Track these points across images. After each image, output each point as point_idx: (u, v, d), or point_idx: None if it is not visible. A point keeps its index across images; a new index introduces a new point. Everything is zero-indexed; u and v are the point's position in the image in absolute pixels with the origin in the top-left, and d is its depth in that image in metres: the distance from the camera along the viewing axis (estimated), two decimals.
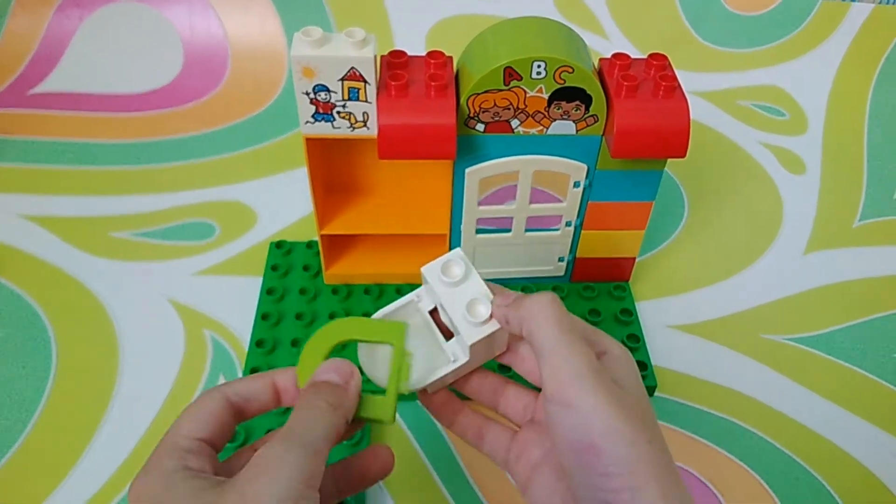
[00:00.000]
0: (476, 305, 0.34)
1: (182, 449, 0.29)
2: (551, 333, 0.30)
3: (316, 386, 0.31)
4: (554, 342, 0.30)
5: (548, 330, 0.30)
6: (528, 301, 0.31)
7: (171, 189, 0.65)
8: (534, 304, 0.31)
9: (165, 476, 0.28)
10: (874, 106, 0.78)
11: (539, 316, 0.31)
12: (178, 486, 0.27)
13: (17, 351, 0.52)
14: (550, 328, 0.30)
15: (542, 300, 0.31)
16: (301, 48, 0.41)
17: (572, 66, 0.43)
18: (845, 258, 0.62)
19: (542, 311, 0.31)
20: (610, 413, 0.28)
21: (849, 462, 0.48)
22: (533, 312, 0.31)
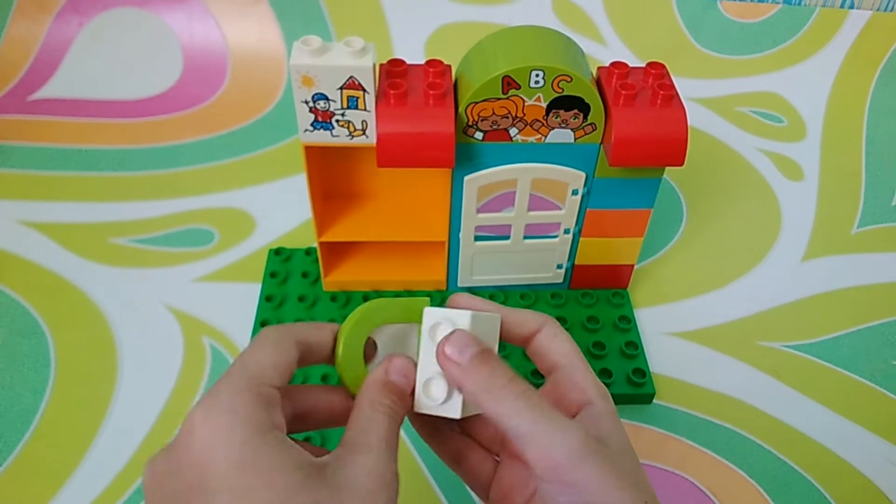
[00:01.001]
0: (434, 384, 0.30)
1: (267, 399, 0.26)
2: (528, 416, 0.27)
3: (387, 389, 0.29)
4: (534, 422, 0.27)
5: (523, 414, 0.27)
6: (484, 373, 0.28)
7: (169, 195, 0.65)
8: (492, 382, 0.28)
9: (256, 431, 0.25)
10: (872, 112, 0.78)
11: (506, 399, 0.27)
12: (275, 455, 0.25)
13: (15, 358, 0.52)
14: (524, 411, 0.27)
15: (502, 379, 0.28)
16: (300, 57, 0.41)
17: (570, 74, 0.43)
18: (844, 265, 0.62)
19: (506, 395, 0.27)
20: (611, 484, 0.26)
21: (847, 470, 0.48)
22: (493, 392, 0.28)
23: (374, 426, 0.28)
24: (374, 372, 0.30)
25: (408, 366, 0.31)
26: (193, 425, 0.25)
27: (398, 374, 0.30)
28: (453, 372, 0.29)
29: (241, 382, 0.26)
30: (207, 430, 0.25)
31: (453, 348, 0.29)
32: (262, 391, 0.26)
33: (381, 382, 0.30)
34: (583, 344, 0.52)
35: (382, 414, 0.28)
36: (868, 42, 0.79)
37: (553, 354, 0.32)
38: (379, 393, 0.29)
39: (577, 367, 0.31)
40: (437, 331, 0.30)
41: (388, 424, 0.28)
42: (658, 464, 0.47)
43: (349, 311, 0.53)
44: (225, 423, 0.25)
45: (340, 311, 0.54)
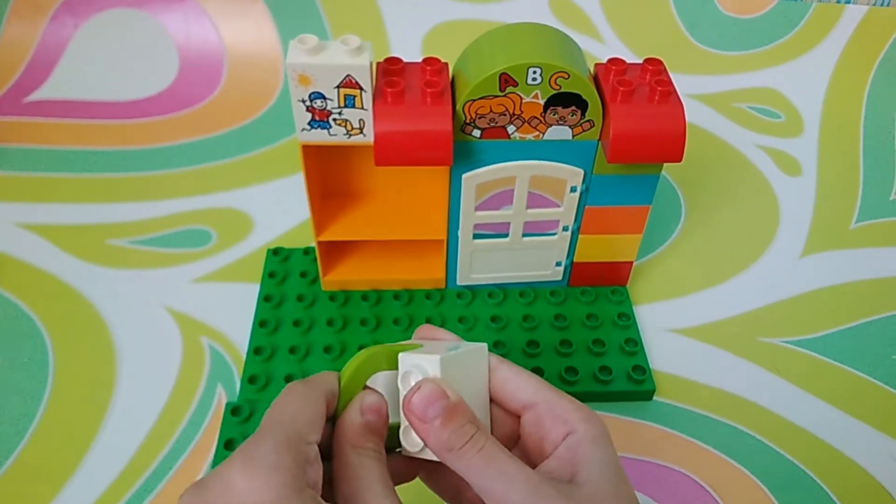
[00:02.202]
0: (410, 433, 0.30)
1: (307, 458, 0.26)
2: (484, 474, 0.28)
3: (366, 430, 0.29)
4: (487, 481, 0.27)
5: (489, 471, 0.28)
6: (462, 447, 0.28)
7: (167, 196, 0.65)
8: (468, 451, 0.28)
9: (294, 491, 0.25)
10: (870, 107, 0.78)
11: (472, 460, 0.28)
12: None
13: (13, 360, 0.52)
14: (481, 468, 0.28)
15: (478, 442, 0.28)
16: (297, 56, 0.41)
17: (568, 71, 0.43)
18: (842, 260, 0.62)
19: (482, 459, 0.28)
20: None
21: (848, 465, 0.48)
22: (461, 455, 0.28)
23: (367, 474, 0.28)
24: (348, 413, 0.29)
25: (379, 401, 0.30)
26: (233, 478, 0.25)
27: (372, 414, 0.30)
28: (417, 428, 0.29)
29: (282, 439, 0.26)
30: (247, 485, 0.24)
31: (417, 404, 0.29)
32: (302, 449, 0.26)
33: (360, 425, 0.29)
34: (582, 341, 0.52)
35: (370, 459, 0.28)
36: (865, 37, 0.79)
37: (522, 393, 0.32)
38: (360, 437, 0.29)
39: (551, 400, 0.31)
40: (409, 379, 0.30)
41: (379, 468, 0.28)
42: (658, 460, 0.47)
43: (348, 311, 0.54)
44: (264, 479, 0.24)
45: (339, 311, 0.54)
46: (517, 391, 0.32)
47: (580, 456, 0.29)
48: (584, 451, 0.29)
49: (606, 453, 0.30)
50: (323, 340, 0.52)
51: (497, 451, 0.28)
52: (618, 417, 0.50)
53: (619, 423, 0.49)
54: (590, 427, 0.30)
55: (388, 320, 0.53)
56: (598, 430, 0.30)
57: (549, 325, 0.54)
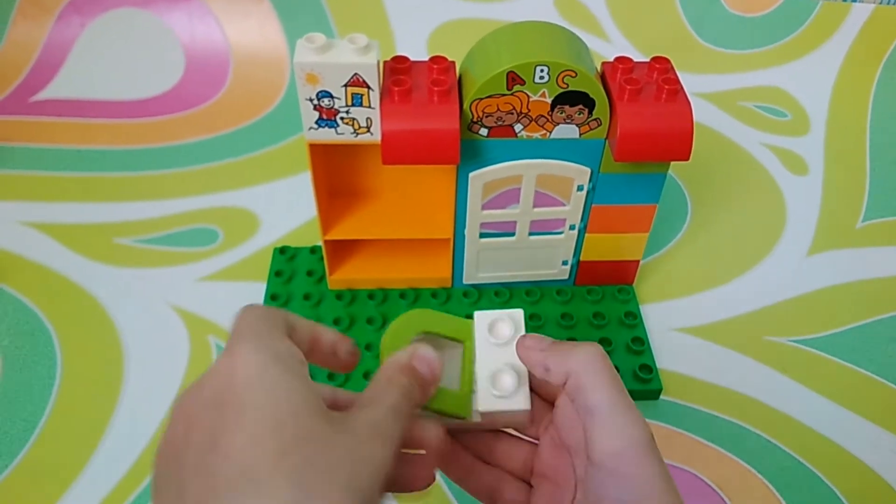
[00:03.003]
0: (503, 376, 0.32)
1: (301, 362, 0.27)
2: (609, 395, 0.28)
3: (408, 371, 0.30)
4: (613, 406, 0.28)
5: (604, 391, 0.28)
6: (576, 351, 0.29)
7: (173, 195, 0.65)
8: (585, 357, 0.29)
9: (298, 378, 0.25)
10: (876, 106, 0.78)
11: (591, 371, 0.29)
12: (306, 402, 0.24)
13: (21, 359, 0.52)
14: (607, 389, 0.28)
15: (594, 353, 0.29)
16: (304, 55, 0.41)
17: (575, 70, 0.43)
18: (849, 259, 0.62)
19: (595, 367, 0.29)
20: (665, 481, 0.27)
21: (854, 464, 0.48)
22: (584, 366, 0.29)
23: (386, 396, 0.28)
24: (397, 354, 0.30)
25: (433, 358, 0.30)
26: (237, 360, 0.25)
27: (421, 362, 0.30)
28: (536, 356, 0.31)
29: (279, 330, 0.27)
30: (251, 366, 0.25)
31: (533, 340, 0.31)
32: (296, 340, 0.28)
33: (403, 364, 0.30)
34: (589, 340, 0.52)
35: (397, 389, 0.28)
36: (871, 35, 0.79)
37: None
38: (398, 372, 0.29)
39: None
40: (497, 327, 0.33)
41: (400, 399, 0.28)
42: (666, 460, 0.47)
43: (354, 309, 0.54)
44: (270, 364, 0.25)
45: (346, 310, 0.54)
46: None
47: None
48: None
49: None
50: None
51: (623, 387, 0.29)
52: None
53: None
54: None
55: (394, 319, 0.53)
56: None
57: (555, 323, 0.54)
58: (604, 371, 0.29)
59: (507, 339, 0.33)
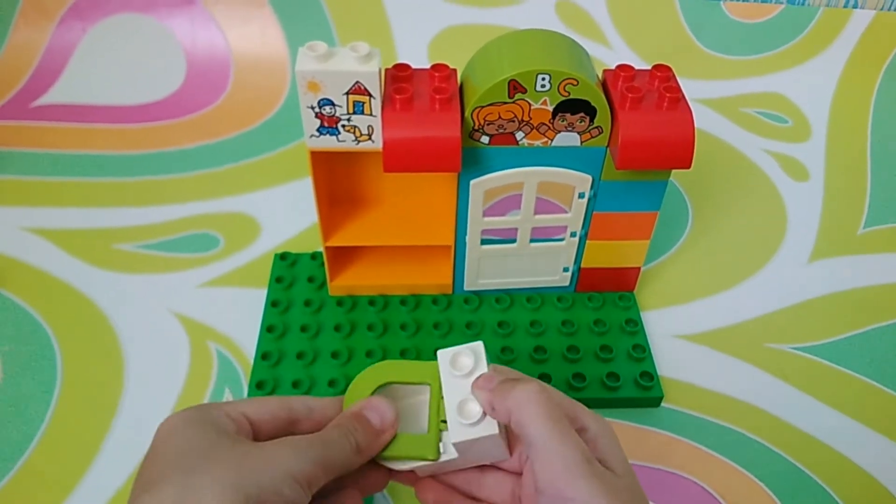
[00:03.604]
0: (469, 404, 0.33)
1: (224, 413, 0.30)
2: (542, 426, 0.30)
3: (357, 418, 0.32)
4: (546, 435, 0.30)
5: (538, 422, 0.30)
6: (515, 391, 0.31)
7: (174, 201, 0.65)
8: (521, 394, 0.31)
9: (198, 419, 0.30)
10: (877, 112, 0.78)
11: (527, 407, 0.30)
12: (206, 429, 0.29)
13: (21, 364, 0.52)
14: (541, 421, 0.30)
15: (530, 390, 0.31)
16: (306, 63, 0.41)
17: (577, 78, 0.43)
18: (850, 266, 0.62)
19: (531, 402, 0.30)
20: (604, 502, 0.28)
21: (856, 472, 0.48)
22: (520, 403, 0.31)
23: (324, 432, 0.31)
24: (352, 404, 0.33)
25: (385, 409, 0.33)
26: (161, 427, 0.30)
27: (372, 412, 0.33)
28: (485, 397, 0.32)
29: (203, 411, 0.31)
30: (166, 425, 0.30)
31: (484, 380, 0.33)
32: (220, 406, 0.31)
33: (353, 412, 0.33)
34: (590, 347, 0.52)
35: (338, 429, 0.31)
36: (872, 42, 0.79)
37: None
38: (346, 418, 0.32)
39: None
40: (459, 360, 0.34)
41: (336, 435, 0.31)
42: (667, 467, 0.47)
43: (355, 316, 0.54)
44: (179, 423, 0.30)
45: (347, 316, 0.54)
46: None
47: (606, 453, 0.31)
48: (605, 446, 0.31)
49: (623, 454, 0.32)
50: (330, 346, 0.52)
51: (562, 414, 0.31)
52: (625, 424, 0.50)
53: (627, 430, 0.49)
54: (603, 424, 0.32)
55: (395, 325, 0.53)
56: (612, 430, 0.32)
57: (556, 330, 0.54)
58: (539, 404, 0.30)
59: (469, 370, 0.34)
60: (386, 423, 0.33)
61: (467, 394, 0.33)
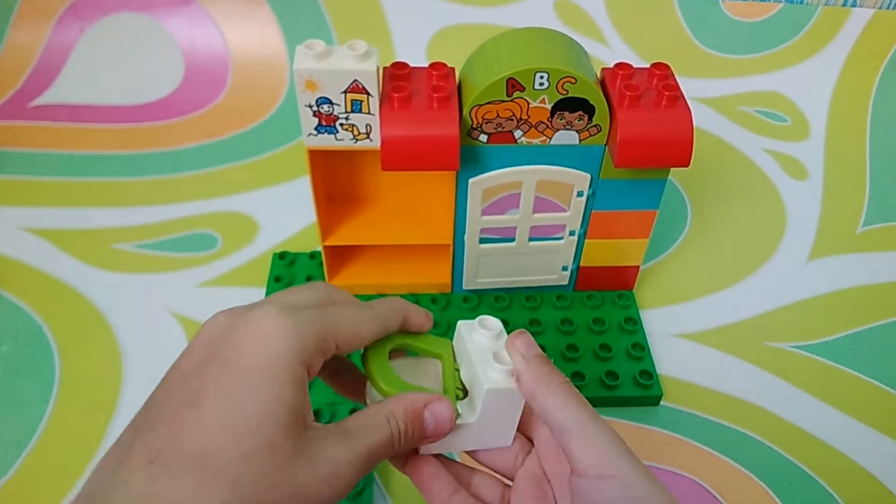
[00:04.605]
0: (503, 354, 0.33)
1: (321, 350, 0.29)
2: (577, 409, 0.30)
3: (414, 417, 0.31)
4: (583, 418, 0.30)
5: (572, 406, 0.30)
6: (550, 376, 0.31)
7: (172, 200, 0.65)
8: (554, 380, 0.31)
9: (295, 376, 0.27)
10: (876, 110, 0.78)
11: (559, 394, 0.31)
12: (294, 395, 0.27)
13: (20, 365, 0.52)
14: (575, 405, 0.30)
15: (563, 379, 0.31)
16: (304, 61, 0.41)
17: (575, 76, 0.42)
18: (849, 264, 0.62)
19: (563, 391, 0.31)
20: (647, 477, 0.29)
21: (856, 471, 0.48)
22: (552, 389, 0.31)
23: (373, 433, 0.29)
24: (413, 395, 0.31)
25: (447, 418, 0.31)
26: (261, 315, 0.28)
27: (433, 415, 0.31)
28: (519, 361, 0.32)
29: (321, 322, 0.29)
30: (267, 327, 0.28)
31: (523, 343, 0.32)
32: (328, 342, 0.29)
33: (413, 408, 0.31)
34: (589, 346, 0.52)
35: (389, 430, 0.30)
36: (871, 40, 0.79)
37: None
38: (402, 413, 0.30)
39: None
40: (485, 321, 0.34)
41: (384, 443, 0.29)
42: (666, 466, 0.47)
43: None
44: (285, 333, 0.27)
45: None
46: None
47: None
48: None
49: None
50: None
51: (586, 402, 0.31)
52: (625, 423, 0.49)
53: (627, 429, 0.49)
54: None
55: None
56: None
57: (555, 329, 0.54)
58: (572, 394, 0.31)
59: (499, 330, 0.34)
60: (441, 433, 0.31)
61: (500, 348, 0.33)
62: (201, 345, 0.28)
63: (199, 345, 0.28)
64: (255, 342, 0.27)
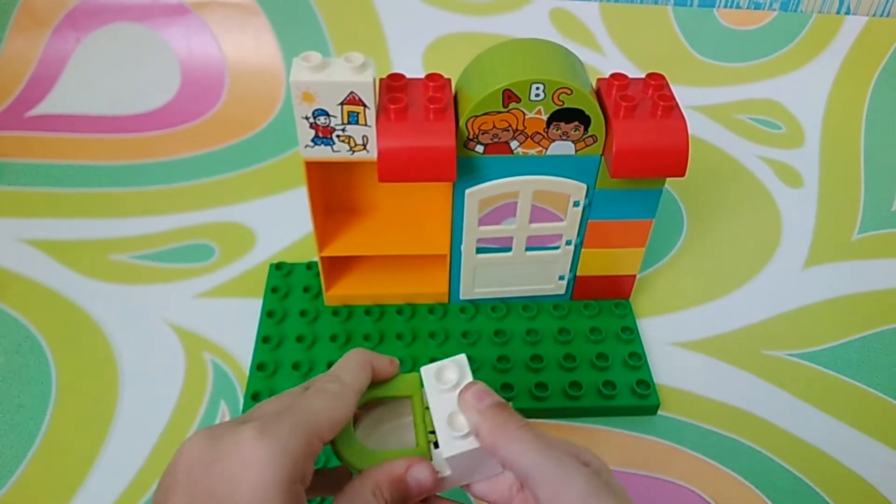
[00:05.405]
0: (459, 416, 0.32)
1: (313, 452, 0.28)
2: (536, 456, 0.29)
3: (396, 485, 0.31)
4: (543, 464, 0.29)
5: (531, 454, 0.29)
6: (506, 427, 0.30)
7: (169, 211, 0.65)
8: (511, 428, 0.30)
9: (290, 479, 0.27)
10: (870, 118, 0.79)
11: (518, 441, 0.30)
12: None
13: (16, 376, 0.51)
14: (533, 452, 0.29)
15: (520, 426, 0.30)
16: (300, 73, 0.41)
17: (571, 87, 0.43)
18: (845, 272, 0.62)
19: (521, 440, 0.30)
20: None
21: (853, 478, 0.48)
22: (509, 438, 0.30)
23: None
24: (393, 463, 0.31)
25: (428, 482, 0.31)
26: (244, 442, 0.27)
27: (415, 480, 0.31)
28: (473, 416, 0.31)
29: (301, 427, 0.28)
30: (253, 455, 0.27)
31: (473, 395, 0.32)
32: (313, 443, 0.28)
33: (395, 476, 0.31)
34: (586, 355, 0.52)
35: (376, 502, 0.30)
36: (865, 47, 0.79)
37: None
38: (388, 484, 0.30)
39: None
40: (444, 374, 0.34)
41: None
42: (663, 475, 0.47)
43: (351, 326, 0.54)
44: (271, 457, 0.27)
45: (342, 326, 0.54)
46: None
47: (604, 476, 0.30)
48: (611, 478, 0.31)
49: (619, 483, 0.31)
50: (326, 356, 0.52)
51: (550, 440, 0.30)
52: (622, 432, 0.50)
53: (624, 438, 0.49)
54: (599, 458, 0.31)
55: (391, 335, 0.53)
56: (608, 467, 0.31)
57: (552, 339, 0.54)
58: (527, 440, 0.30)
59: (454, 383, 0.33)
60: (423, 492, 0.31)
61: (455, 406, 0.33)
62: (187, 479, 0.27)
63: (185, 478, 0.27)
64: (245, 474, 0.26)
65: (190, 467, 0.27)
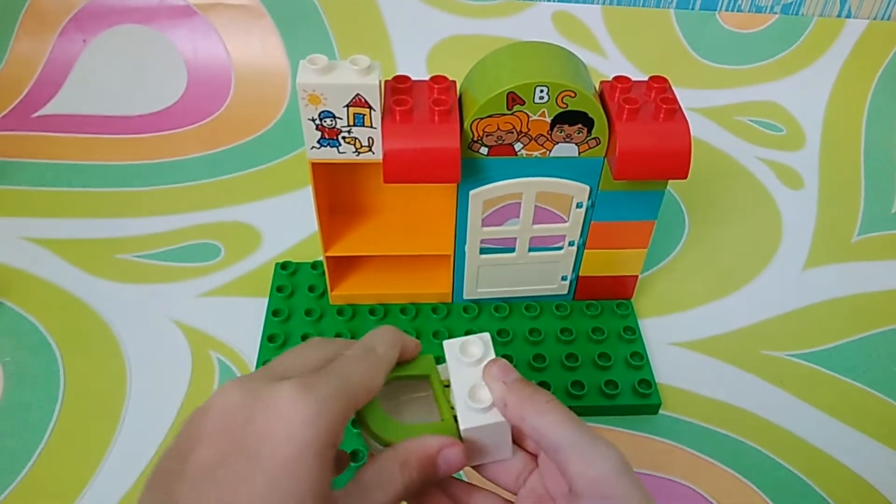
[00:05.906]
0: (480, 390, 0.32)
1: (347, 418, 0.27)
2: (570, 428, 0.29)
3: (425, 464, 0.30)
4: (578, 437, 0.29)
5: (563, 425, 0.29)
6: (535, 396, 0.30)
7: (175, 211, 0.66)
8: (541, 400, 0.30)
9: (323, 442, 0.26)
10: (871, 120, 0.79)
11: (549, 414, 0.30)
12: (317, 475, 0.25)
13: (25, 375, 0.52)
14: (566, 424, 0.29)
15: (550, 398, 0.30)
16: (307, 76, 0.42)
17: (574, 90, 0.43)
18: (845, 273, 0.63)
19: (552, 410, 0.30)
20: (645, 500, 0.28)
21: (851, 478, 0.48)
22: (540, 410, 0.30)
23: (391, 486, 0.29)
24: (426, 440, 0.31)
25: (460, 459, 0.31)
26: (282, 397, 0.26)
27: (446, 461, 0.30)
28: (499, 388, 0.31)
29: (341, 391, 0.27)
30: (291, 412, 0.26)
31: (500, 370, 0.32)
32: (349, 409, 0.28)
33: (427, 457, 0.30)
34: (588, 355, 0.53)
35: (405, 480, 0.29)
36: (865, 50, 0.80)
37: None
38: (417, 462, 0.30)
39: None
40: (468, 348, 0.34)
41: (398, 495, 0.29)
42: (665, 474, 0.48)
43: (355, 326, 0.54)
44: (309, 417, 0.26)
45: (347, 325, 0.54)
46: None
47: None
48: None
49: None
50: None
51: (578, 418, 0.30)
52: (624, 431, 0.50)
53: (626, 438, 0.50)
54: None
55: None
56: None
57: (554, 338, 0.54)
58: (560, 412, 0.30)
59: (478, 358, 0.33)
60: (449, 475, 0.31)
61: (478, 380, 0.33)
62: (219, 429, 0.26)
63: (217, 428, 0.26)
64: (281, 431, 0.25)
65: (223, 419, 0.26)
